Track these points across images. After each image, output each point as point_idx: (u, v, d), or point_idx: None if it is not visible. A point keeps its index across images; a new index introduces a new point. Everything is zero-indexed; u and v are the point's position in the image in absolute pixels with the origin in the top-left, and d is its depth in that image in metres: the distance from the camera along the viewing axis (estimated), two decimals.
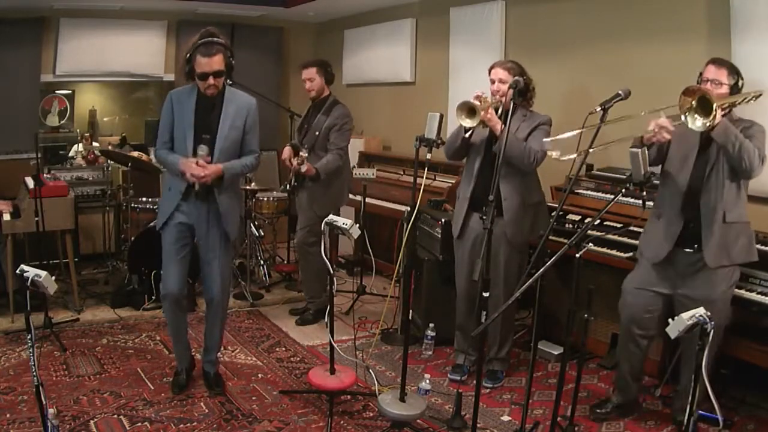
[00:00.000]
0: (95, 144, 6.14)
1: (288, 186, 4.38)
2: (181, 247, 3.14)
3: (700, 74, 2.78)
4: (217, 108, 3.06)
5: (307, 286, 4.44)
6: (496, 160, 2.74)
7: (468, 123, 3.08)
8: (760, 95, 2.82)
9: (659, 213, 2.91)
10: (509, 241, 3.30)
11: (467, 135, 3.25)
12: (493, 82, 3.29)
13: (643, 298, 2.91)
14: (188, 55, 2.94)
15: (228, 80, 3.11)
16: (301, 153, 4.11)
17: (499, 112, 3.25)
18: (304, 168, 4.03)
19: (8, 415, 2.94)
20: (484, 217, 2.66)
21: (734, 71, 2.72)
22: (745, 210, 2.78)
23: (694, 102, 2.49)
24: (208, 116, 3.06)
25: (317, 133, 4.14)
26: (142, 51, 6.30)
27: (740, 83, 2.73)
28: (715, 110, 2.44)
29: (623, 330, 3.02)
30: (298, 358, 3.81)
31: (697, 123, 2.50)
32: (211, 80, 2.94)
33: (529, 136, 3.26)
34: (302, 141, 4.24)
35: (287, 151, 4.29)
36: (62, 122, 6.34)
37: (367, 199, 4.84)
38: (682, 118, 2.52)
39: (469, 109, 3.05)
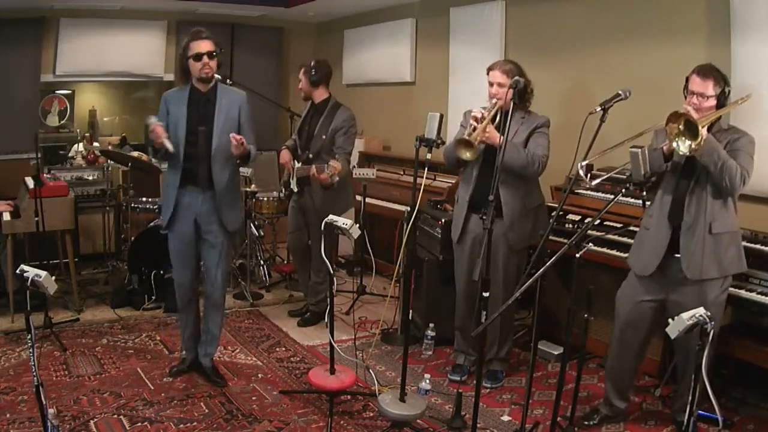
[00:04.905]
0: (95, 144, 6.14)
1: (288, 189, 4.33)
2: (189, 248, 3.30)
3: (687, 81, 2.68)
4: (212, 102, 3.17)
5: (319, 289, 4.38)
6: (495, 164, 2.72)
7: (470, 156, 3.04)
8: (748, 98, 2.77)
9: (648, 223, 2.86)
10: (509, 244, 3.30)
11: None
12: (491, 84, 3.26)
13: (636, 308, 2.87)
14: (182, 50, 3.13)
15: (227, 80, 3.13)
16: (298, 164, 4.08)
17: (499, 115, 3.23)
18: (333, 175, 3.84)
19: (8, 415, 2.95)
20: (484, 218, 2.65)
21: (720, 79, 2.60)
22: (734, 220, 2.71)
23: (680, 126, 2.46)
24: (202, 109, 3.16)
25: (324, 136, 4.08)
26: (142, 51, 6.30)
27: (727, 90, 2.63)
28: (702, 133, 2.42)
29: (617, 337, 2.97)
30: (298, 358, 3.81)
31: (686, 145, 2.47)
32: (205, 59, 3.07)
33: (528, 139, 3.25)
34: (306, 146, 4.17)
35: (286, 154, 4.26)
36: (62, 122, 6.33)
37: (367, 199, 4.84)
38: (674, 144, 2.49)
39: (465, 144, 3.03)
